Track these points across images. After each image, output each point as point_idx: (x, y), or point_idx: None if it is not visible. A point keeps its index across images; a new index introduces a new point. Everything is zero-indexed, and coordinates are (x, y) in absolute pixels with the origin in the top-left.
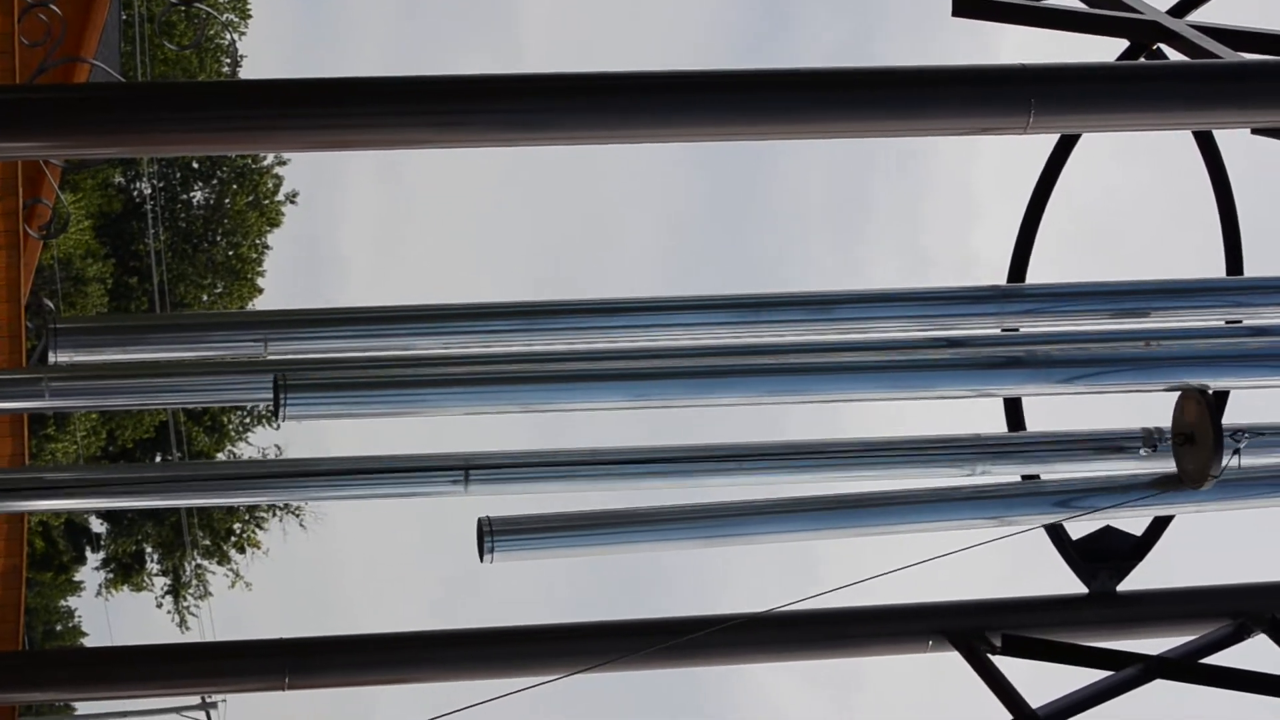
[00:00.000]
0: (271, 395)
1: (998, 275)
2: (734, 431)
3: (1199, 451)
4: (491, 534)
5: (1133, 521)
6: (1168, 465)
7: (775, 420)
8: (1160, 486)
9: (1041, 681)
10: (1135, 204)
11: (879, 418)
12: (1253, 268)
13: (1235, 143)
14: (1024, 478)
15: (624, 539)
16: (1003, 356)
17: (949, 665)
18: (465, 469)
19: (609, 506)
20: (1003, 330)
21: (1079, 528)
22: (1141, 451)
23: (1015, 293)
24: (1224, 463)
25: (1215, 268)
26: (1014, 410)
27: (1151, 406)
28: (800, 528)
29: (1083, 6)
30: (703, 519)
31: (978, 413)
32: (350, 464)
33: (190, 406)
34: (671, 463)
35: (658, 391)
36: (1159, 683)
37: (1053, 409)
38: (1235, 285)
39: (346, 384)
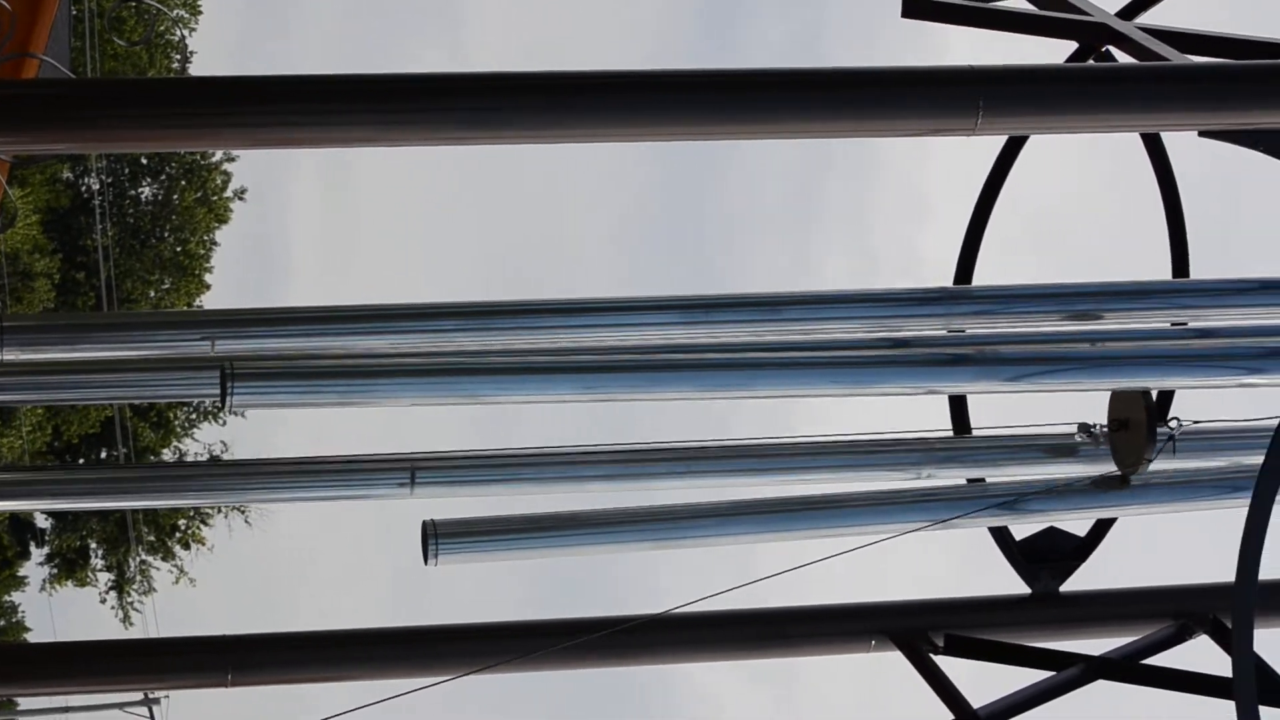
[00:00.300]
0: (218, 390)
1: (945, 276)
2: (680, 434)
3: (1133, 437)
4: (436, 537)
5: (1076, 523)
6: (1107, 465)
7: (722, 422)
8: (1099, 484)
9: (984, 681)
10: (1083, 205)
11: (826, 423)
12: (1199, 268)
13: (1183, 144)
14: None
15: (568, 542)
16: (950, 354)
17: (891, 664)
18: (411, 470)
19: (553, 509)
20: (949, 331)
21: (1022, 529)
22: (1077, 438)
23: (962, 294)
24: (1158, 448)
25: (1162, 268)
26: (959, 412)
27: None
28: (745, 531)
29: (1032, 8)
30: (646, 522)
31: (924, 417)
32: (295, 465)
33: (136, 401)
34: (617, 464)
35: (606, 384)
36: (1101, 683)
37: (1000, 412)
38: (1181, 288)
39: (294, 373)
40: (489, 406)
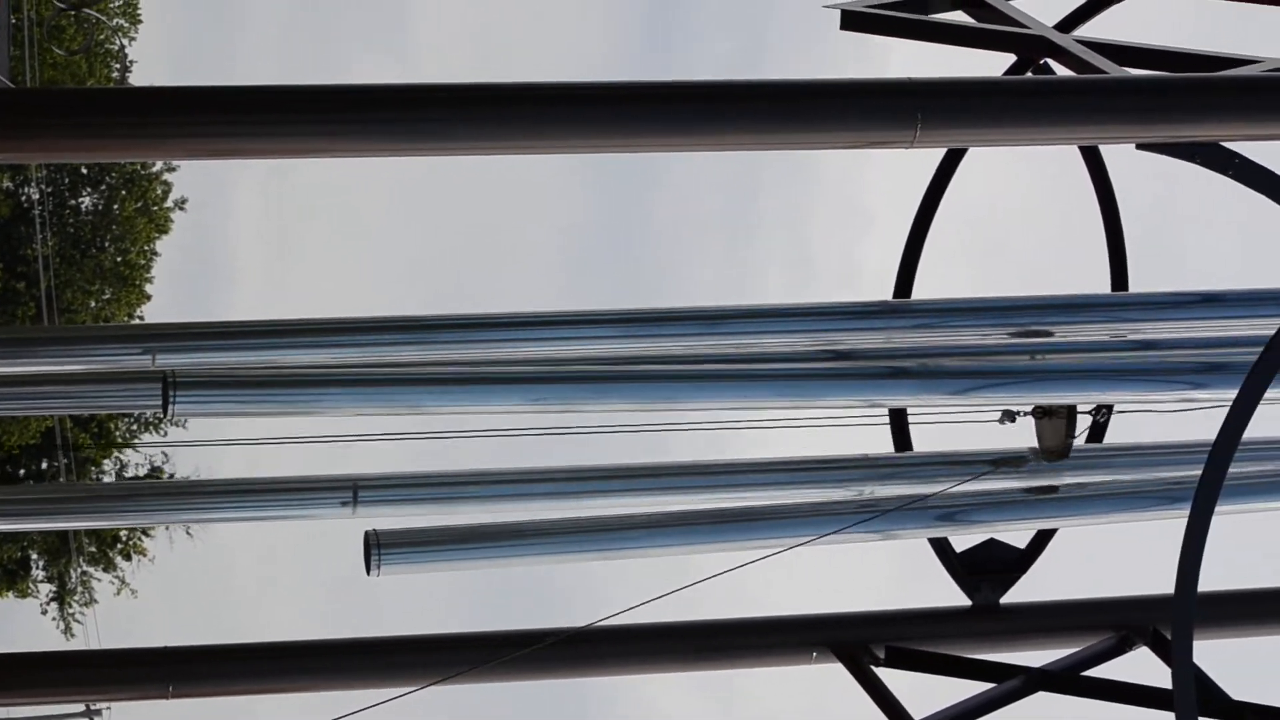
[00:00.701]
0: (159, 401)
1: (885, 286)
2: (621, 452)
3: (1056, 423)
4: (379, 547)
5: (1016, 535)
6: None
7: (661, 441)
8: (1017, 464)
9: (925, 693)
10: (1023, 213)
11: (767, 441)
12: (1137, 275)
13: (1122, 153)
14: None
15: (511, 552)
16: (890, 368)
17: (833, 676)
18: (353, 489)
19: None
20: (889, 344)
21: (962, 540)
22: (1001, 422)
23: (903, 308)
24: (1077, 433)
25: (1102, 275)
26: (899, 424)
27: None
28: (685, 541)
29: (971, 21)
30: (587, 532)
31: (864, 434)
32: (237, 485)
33: (77, 413)
34: (559, 482)
35: (549, 395)
36: (1041, 694)
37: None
38: (1122, 301)
39: (235, 381)
40: (433, 437)
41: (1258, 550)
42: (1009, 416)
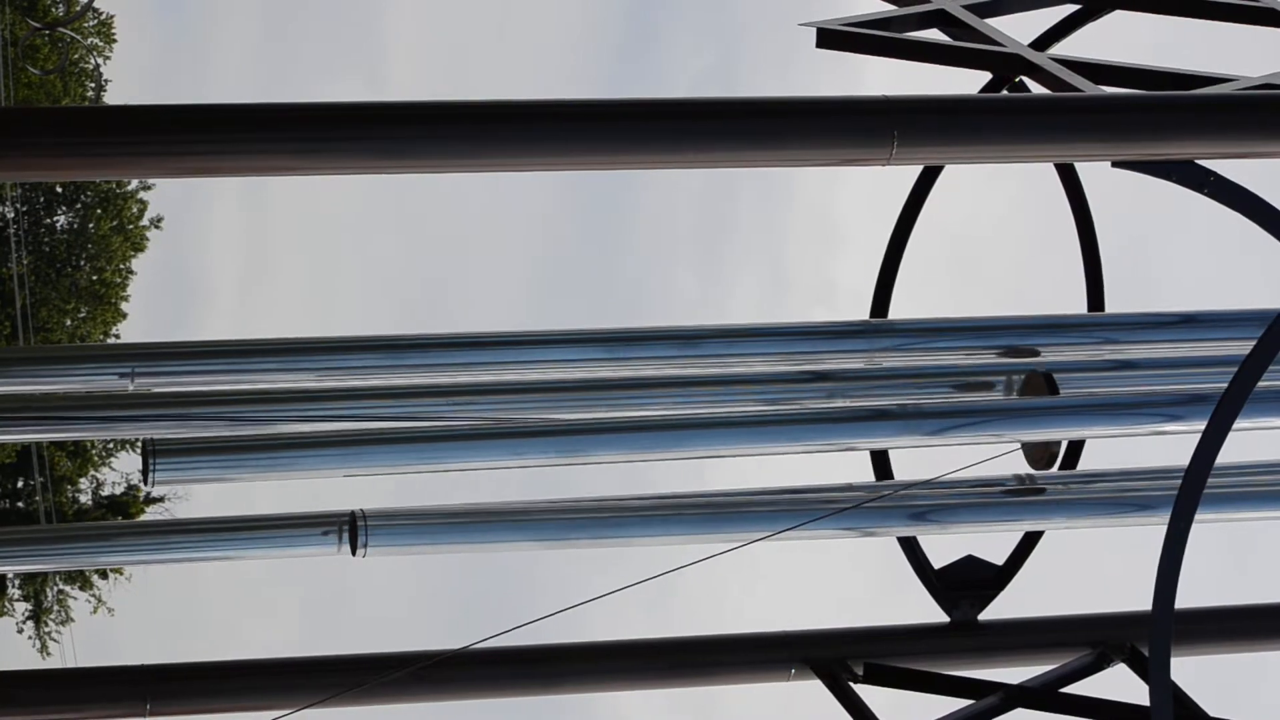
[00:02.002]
0: (141, 461)
1: (860, 302)
2: (606, 478)
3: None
4: (365, 528)
5: (994, 551)
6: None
7: (643, 474)
8: (1014, 493)
9: (903, 710)
10: (998, 228)
11: (748, 464)
12: (1112, 294)
13: (1098, 170)
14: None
15: (496, 535)
16: (870, 409)
17: (811, 692)
18: (339, 525)
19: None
20: (868, 364)
21: (940, 557)
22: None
23: (881, 328)
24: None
25: (1077, 290)
26: (880, 461)
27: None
28: (664, 531)
29: (946, 39)
30: (572, 516)
31: (846, 461)
32: (220, 523)
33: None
34: (545, 514)
35: (533, 450)
36: (1019, 711)
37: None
38: (1101, 322)
39: (217, 447)
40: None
41: (1235, 566)
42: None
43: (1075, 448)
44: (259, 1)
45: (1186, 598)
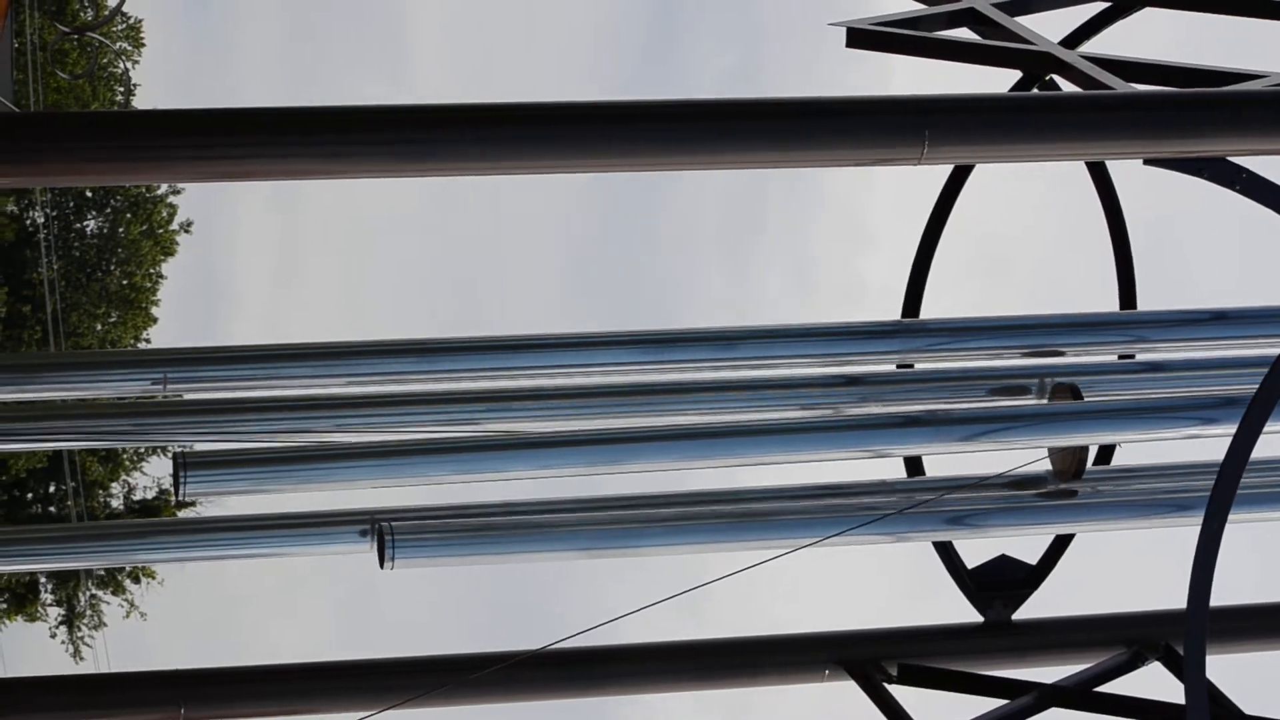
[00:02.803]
0: (171, 473)
1: (889, 301)
2: (638, 477)
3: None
4: (393, 540)
5: (1028, 550)
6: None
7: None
8: (1034, 487)
9: (937, 710)
10: (1028, 227)
11: (772, 473)
12: (1145, 292)
13: (1129, 167)
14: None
15: (525, 546)
16: (901, 416)
17: (846, 693)
18: (373, 521)
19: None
20: (898, 366)
21: (974, 557)
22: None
23: (916, 328)
24: (1090, 457)
25: (1109, 287)
26: (913, 467)
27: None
28: (695, 540)
29: (976, 38)
30: (603, 527)
31: (876, 471)
32: (252, 521)
33: (89, 447)
34: (577, 511)
35: (564, 460)
36: (1054, 711)
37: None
38: (1133, 320)
39: (247, 460)
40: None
41: (1270, 563)
42: None
43: (1105, 452)
44: (285, 3)
45: (1221, 595)
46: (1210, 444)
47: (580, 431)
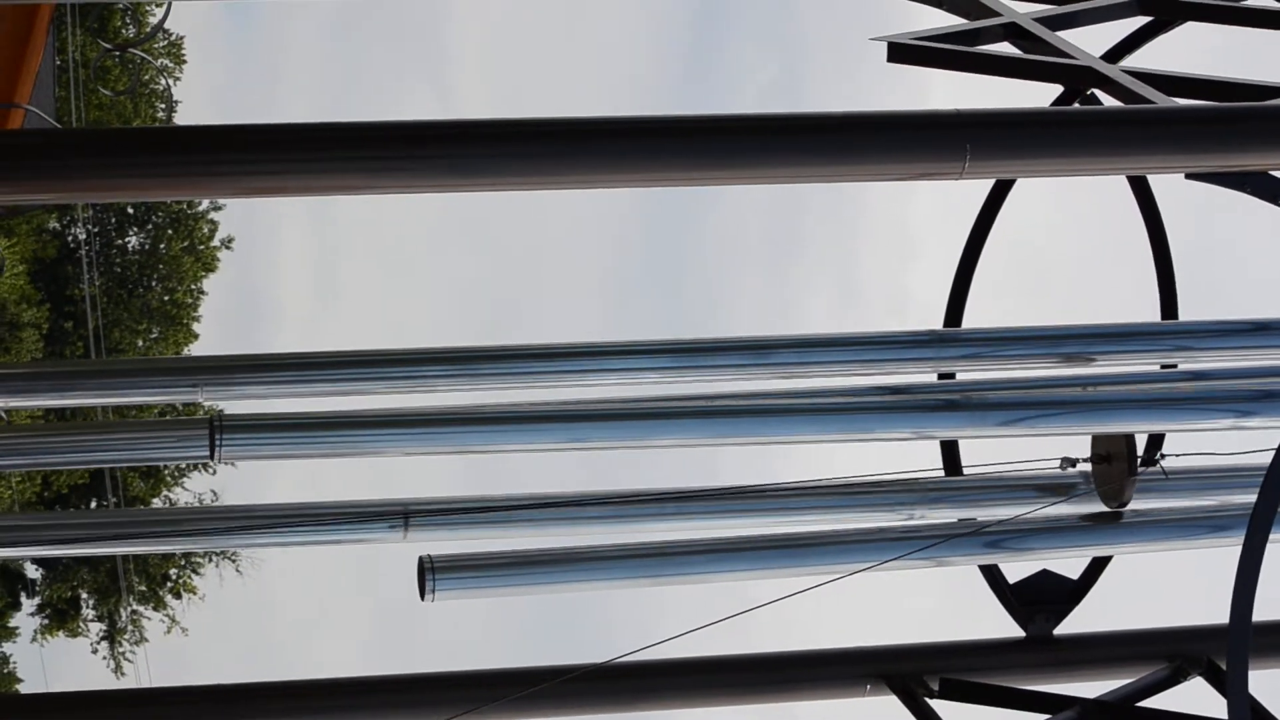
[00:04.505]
0: (207, 448)
1: (933, 314)
2: (670, 474)
3: (1115, 469)
4: (433, 572)
5: (1070, 565)
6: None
7: (709, 462)
8: (1088, 520)
9: None
10: (1070, 240)
11: (812, 460)
12: (1186, 304)
13: (1169, 179)
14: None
15: (565, 577)
16: (939, 400)
17: (887, 707)
18: (404, 514)
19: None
20: (939, 376)
21: (1016, 570)
22: (1061, 467)
23: (952, 337)
24: (1140, 482)
25: (1150, 301)
26: (950, 451)
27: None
28: (737, 568)
29: (1017, 52)
30: (643, 558)
31: (913, 454)
32: (288, 510)
33: (126, 465)
34: (610, 505)
35: (596, 433)
36: None
37: (994, 449)
38: (1172, 330)
39: (283, 425)
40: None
41: None
42: (1068, 463)
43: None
44: (325, 18)
45: (1264, 610)
46: (1250, 455)
47: (614, 402)
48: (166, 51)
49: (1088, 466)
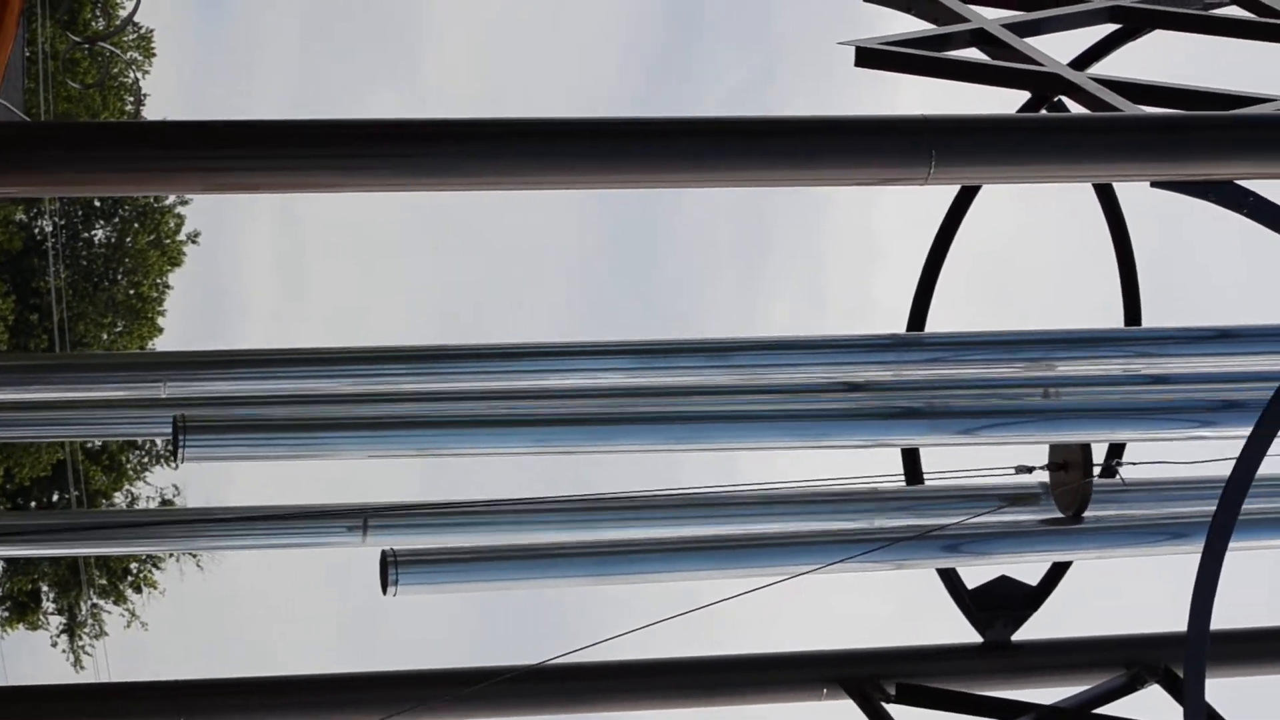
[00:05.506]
0: (170, 432)
1: (897, 319)
2: (630, 475)
3: (1071, 477)
4: (395, 567)
5: (1028, 571)
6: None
7: (671, 464)
8: (1029, 502)
9: None
10: (1035, 245)
11: (776, 462)
12: (1151, 313)
13: (1137, 188)
14: None
15: (526, 574)
16: (901, 407)
17: (844, 713)
18: (364, 517)
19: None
20: (899, 378)
21: (974, 577)
22: (1015, 472)
23: (914, 341)
24: (1097, 488)
25: (1114, 307)
26: (912, 458)
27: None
28: (696, 567)
29: (984, 58)
30: (603, 555)
31: (875, 463)
32: (248, 513)
33: (87, 441)
34: (569, 511)
35: (559, 437)
36: None
37: (954, 456)
38: (1137, 336)
39: (245, 425)
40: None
41: (1271, 587)
42: (1025, 470)
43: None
44: (297, 14)
45: (1221, 619)
46: (1206, 465)
47: (573, 410)
48: (136, 44)
49: (1045, 474)
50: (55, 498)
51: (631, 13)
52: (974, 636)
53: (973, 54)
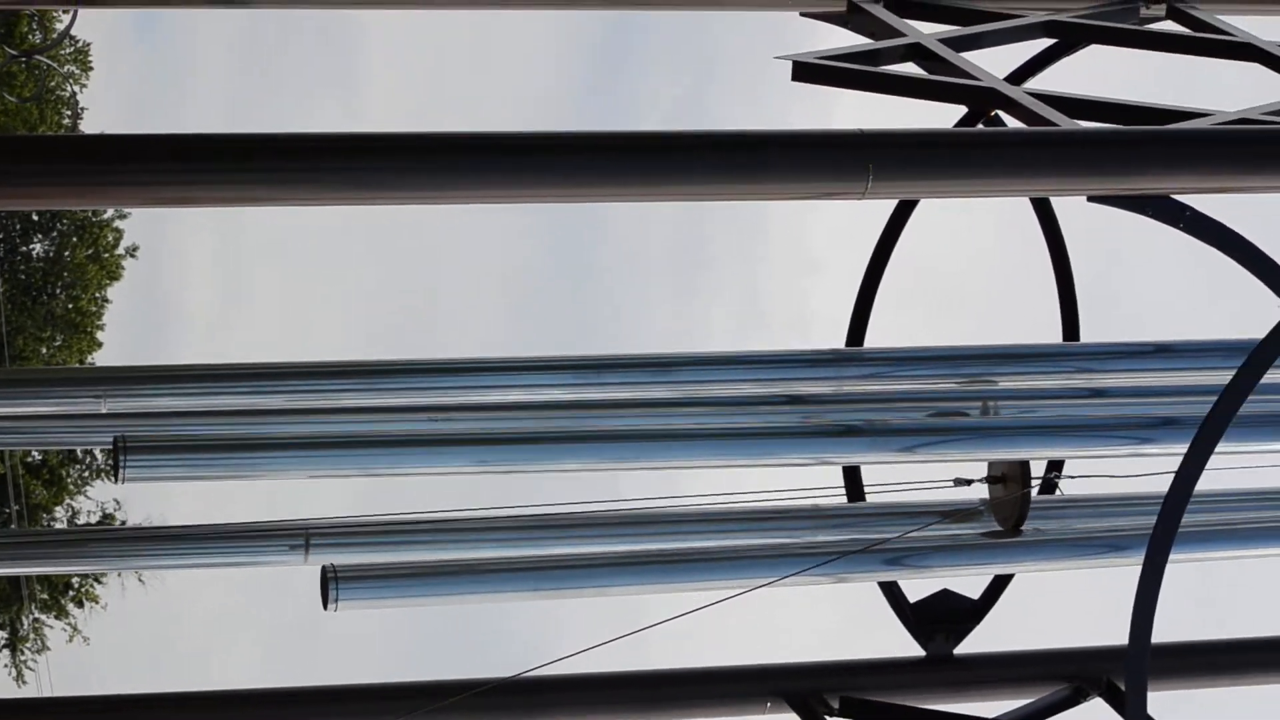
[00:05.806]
0: (111, 453)
1: (836, 332)
2: (571, 488)
3: (1009, 490)
4: (336, 582)
5: (970, 585)
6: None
7: (612, 477)
8: (971, 518)
9: None
10: (973, 258)
11: (717, 478)
12: (1087, 323)
13: (1075, 202)
14: None
15: (467, 589)
16: (842, 425)
17: None
18: (305, 536)
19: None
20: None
21: (916, 591)
22: (952, 484)
23: (854, 356)
24: (1030, 503)
25: (1054, 320)
26: (852, 474)
27: None
28: (637, 582)
29: (921, 73)
30: (545, 570)
31: (818, 473)
32: (188, 532)
33: (26, 449)
34: (511, 530)
35: (499, 456)
36: None
37: (897, 471)
38: (1076, 351)
39: (187, 446)
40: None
41: (1209, 601)
42: (962, 482)
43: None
44: (236, 30)
45: (1162, 632)
46: (1148, 480)
47: (515, 429)
48: (73, 58)
49: (983, 487)
50: None
51: (566, 30)
52: (917, 650)
53: (910, 69)
